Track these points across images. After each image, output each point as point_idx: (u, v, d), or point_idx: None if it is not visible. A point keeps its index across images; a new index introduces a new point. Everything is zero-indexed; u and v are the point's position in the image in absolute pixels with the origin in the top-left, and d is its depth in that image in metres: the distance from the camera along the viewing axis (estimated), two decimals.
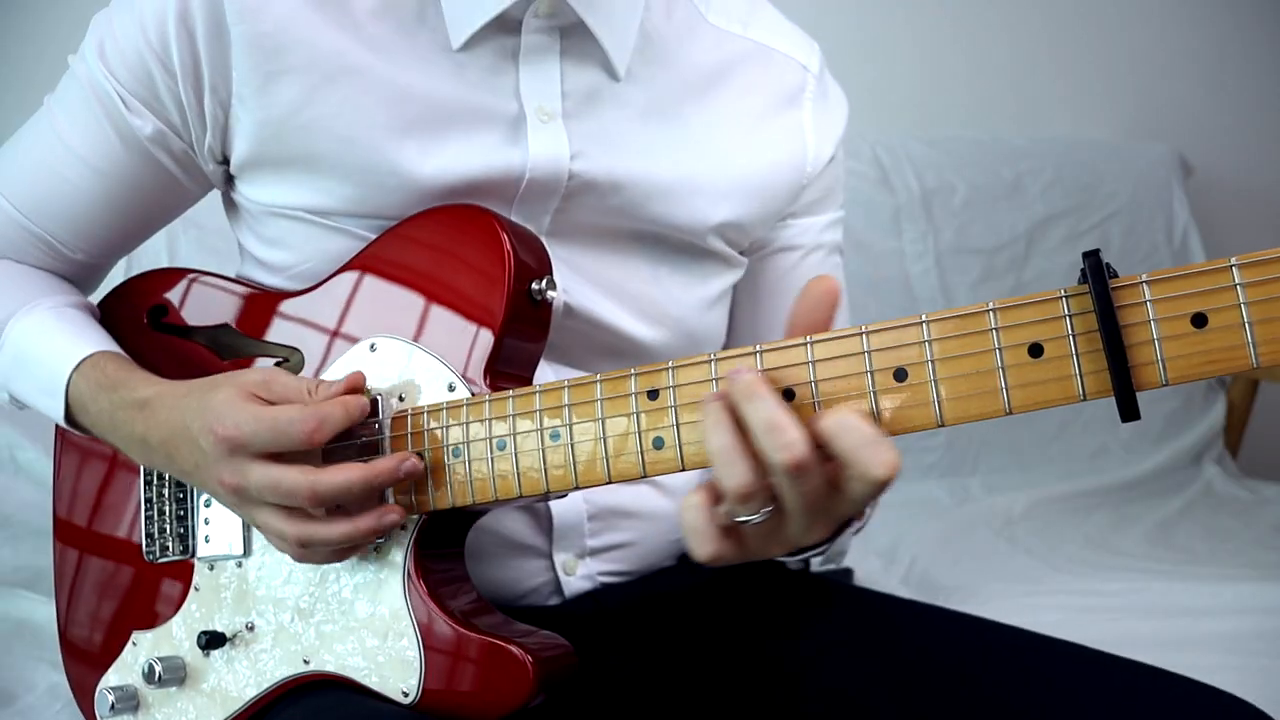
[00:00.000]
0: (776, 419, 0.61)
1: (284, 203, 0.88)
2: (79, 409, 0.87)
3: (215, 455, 0.75)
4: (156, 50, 0.84)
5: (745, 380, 0.62)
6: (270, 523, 0.76)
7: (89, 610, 0.93)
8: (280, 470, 0.74)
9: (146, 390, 0.83)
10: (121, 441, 0.85)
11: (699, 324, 0.97)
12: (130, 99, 0.86)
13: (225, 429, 0.74)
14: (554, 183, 0.86)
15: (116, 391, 0.84)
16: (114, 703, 0.86)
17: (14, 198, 0.93)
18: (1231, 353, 0.57)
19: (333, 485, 0.74)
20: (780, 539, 0.66)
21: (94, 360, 0.86)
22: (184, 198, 0.95)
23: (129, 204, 0.92)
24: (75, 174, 0.90)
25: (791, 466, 0.60)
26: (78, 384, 0.86)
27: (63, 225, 0.93)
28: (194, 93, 0.85)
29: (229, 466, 0.75)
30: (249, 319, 0.90)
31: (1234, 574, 1.66)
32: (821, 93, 0.99)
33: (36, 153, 0.92)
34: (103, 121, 0.88)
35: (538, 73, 0.87)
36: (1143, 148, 2.56)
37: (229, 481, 0.76)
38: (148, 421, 0.81)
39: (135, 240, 0.98)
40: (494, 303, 0.80)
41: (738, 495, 0.62)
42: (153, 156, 0.89)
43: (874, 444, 0.60)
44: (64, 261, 0.95)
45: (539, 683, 0.75)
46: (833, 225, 1.03)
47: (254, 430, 0.74)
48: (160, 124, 0.87)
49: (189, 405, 0.78)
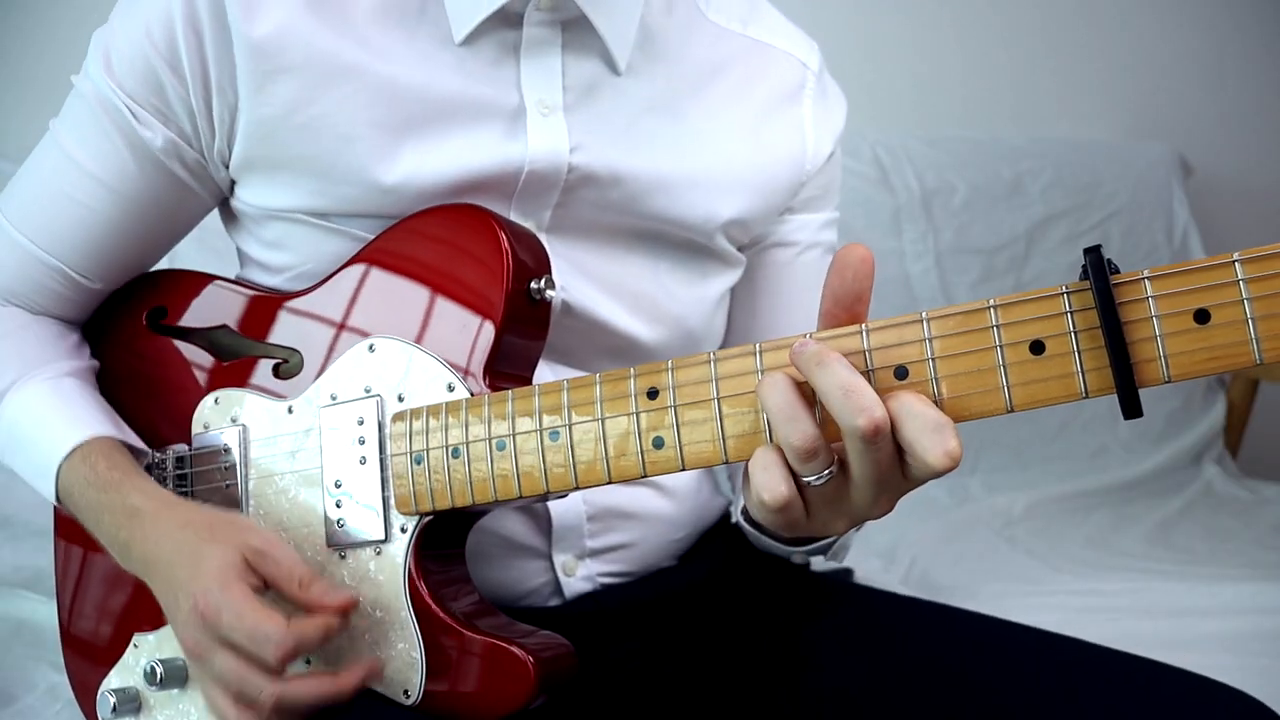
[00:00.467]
0: (853, 382, 0.61)
1: (282, 205, 0.87)
2: (66, 496, 0.86)
3: (186, 619, 0.75)
4: (164, 55, 0.83)
5: (814, 349, 0.62)
6: (215, 698, 0.76)
7: (91, 611, 0.93)
8: (245, 669, 0.73)
9: (138, 500, 0.82)
10: (105, 539, 0.84)
11: (699, 323, 0.97)
12: (139, 110, 0.85)
13: (206, 606, 0.74)
14: (553, 176, 0.86)
15: (105, 493, 0.83)
16: (115, 704, 0.86)
17: (27, 230, 0.91)
18: (1234, 349, 0.57)
19: (301, 697, 0.74)
20: (845, 509, 0.65)
21: (84, 452, 0.85)
22: (199, 208, 0.93)
23: (146, 220, 0.91)
24: (88, 196, 0.88)
25: (870, 430, 0.60)
26: (67, 474, 0.85)
27: (80, 253, 0.91)
28: (203, 97, 0.84)
29: (196, 635, 0.75)
30: (248, 320, 0.90)
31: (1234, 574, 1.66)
32: (821, 90, 0.99)
33: (46, 179, 0.90)
34: (113, 137, 0.86)
35: (539, 66, 0.87)
36: (1143, 148, 2.56)
37: (190, 645, 0.76)
38: (133, 533, 0.81)
39: (152, 259, 0.97)
40: (493, 302, 0.80)
41: (800, 452, 0.62)
42: (166, 168, 0.88)
43: (936, 431, 0.59)
44: (81, 293, 0.94)
45: (540, 683, 0.74)
46: (829, 225, 1.04)
47: (230, 625, 0.73)
48: (171, 134, 0.86)
49: (181, 548, 0.78)
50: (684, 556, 1.00)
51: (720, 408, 0.68)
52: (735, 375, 0.67)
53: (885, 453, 0.61)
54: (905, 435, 0.60)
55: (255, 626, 0.72)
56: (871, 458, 0.61)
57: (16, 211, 0.92)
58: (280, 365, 0.87)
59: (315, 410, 0.83)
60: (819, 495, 0.65)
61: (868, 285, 0.64)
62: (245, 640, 0.73)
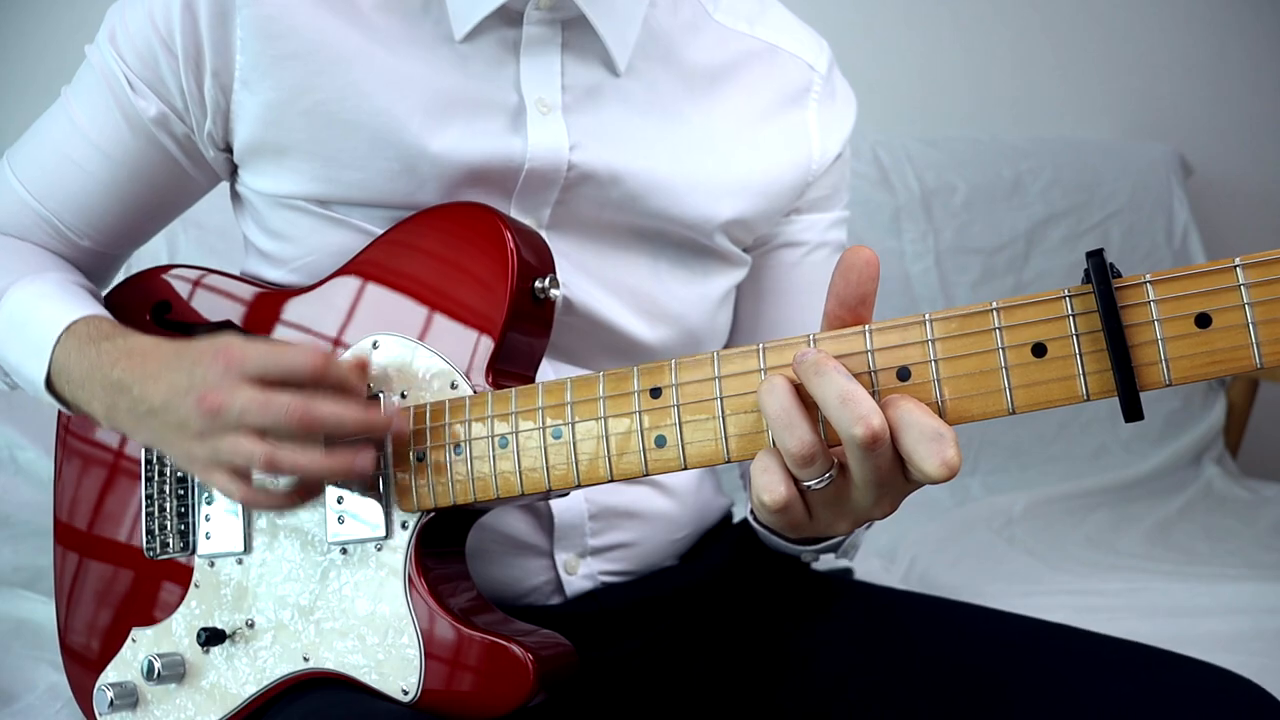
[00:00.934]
0: (851, 391, 0.61)
1: (287, 191, 0.88)
2: (60, 368, 0.86)
3: (206, 376, 0.75)
4: (161, 33, 0.86)
5: (814, 357, 0.62)
6: (238, 446, 0.74)
7: (89, 607, 0.93)
8: (271, 391, 0.73)
9: (137, 340, 0.83)
10: (95, 389, 0.83)
11: (700, 323, 0.97)
12: (136, 81, 0.88)
13: (230, 352, 0.74)
14: (553, 173, 0.86)
15: (107, 340, 0.84)
16: (113, 699, 0.86)
17: (27, 181, 0.95)
18: (1235, 353, 0.57)
19: (327, 412, 0.73)
20: (847, 510, 0.66)
21: (88, 319, 0.87)
22: (190, 188, 0.96)
23: (134, 190, 0.93)
24: (84, 157, 0.92)
25: (868, 439, 0.60)
26: (64, 343, 0.86)
27: (70, 209, 0.94)
28: (194, 77, 0.86)
29: (218, 383, 0.74)
30: (252, 316, 0.90)
31: (1234, 574, 1.66)
32: (828, 93, 0.99)
33: (51, 137, 0.94)
34: (110, 104, 0.90)
35: (538, 65, 0.87)
36: (1143, 148, 2.56)
37: (211, 399, 0.74)
38: (131, 368, 0.81)
39: (141, 230, 0.99)
40: (497, 300, 0.80)
41: (798, 458, 0.62)
42: (156, 140, 0.90)
43: (934, 440, 0.59)
44: (72, 248, 0.96)
45: (539, 681, 0.75)
46: (837, 224, 1.03)
47: (258, 352, 0.74)
48: (163, 106, 0.89)
49: (183, 360, 0.78)
50: (685, 556, 1.00)
51: (723, 407, 0.68)
52: (738, 375, 0.67)
53: (885, 459, 0.61)
54: (904, 444, 0.60)
55: (283, 348, 0.74)
56: (871, 464, 0.62)
57: (20, 162, 0.96)
58: None
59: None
60: (819, 497, 0.65)
61: (872, 288, 0.64)
62: (275, 358, 0.73)
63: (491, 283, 0.80)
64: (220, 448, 0.75)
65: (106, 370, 0.82)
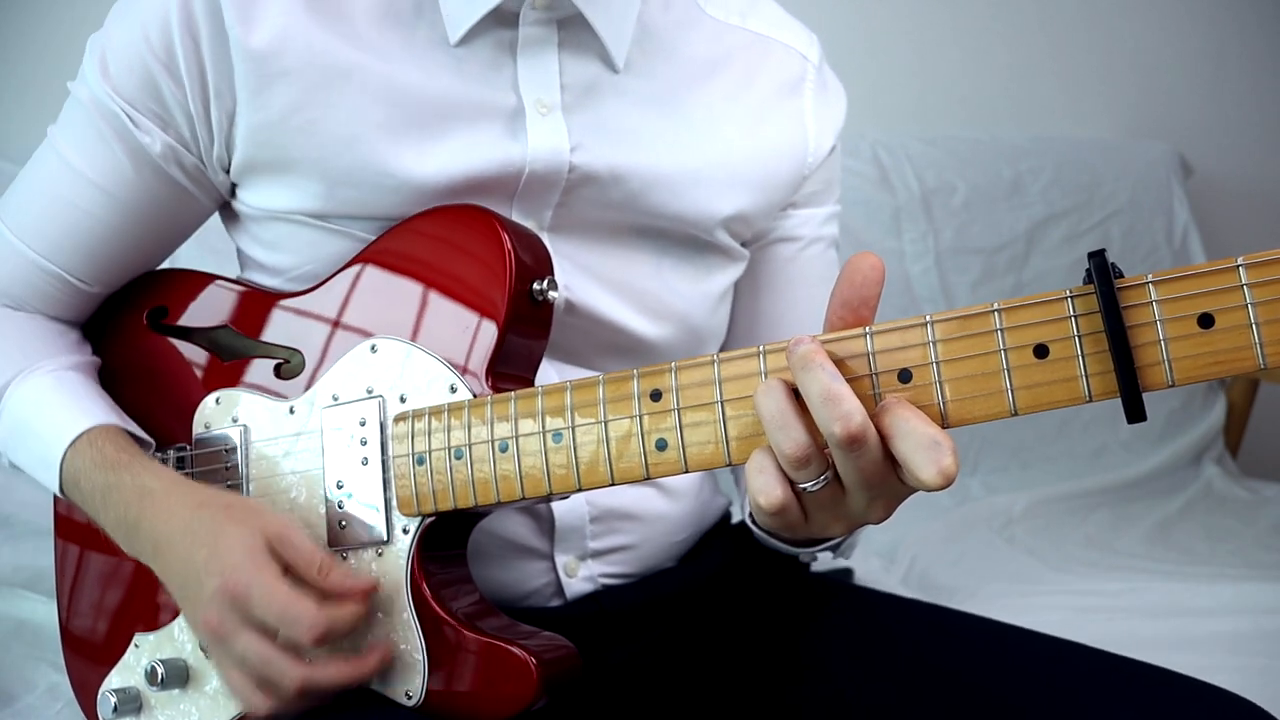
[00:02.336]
0: (833, 389, 0.60)
1: (283, 207, 0.87)
2: (71, 484, 0.85)
3: (212, 599, 0.74)
4: (161, 58, 0.83)
5: (803, 350, 0.62)
6: (237, 681, 0.75)
7: (91, 611, 0.93)
8: (272, 652, 0.73)
9: (149, 479, 0.81)
10: (109, 522, 0.83)
11: (702, 320, 0.97)
12: (137, 115, 0.85)
13: (235, 585, 0.73)
14: (554, 175, 0.86)
15: (115, 473, 0.82)
16: (116, 704, 0.86)
17: (27, 237, 0.91)
18: (1238, 353, 0.57)
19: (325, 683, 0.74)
20: (842, 514, 0.65)
21: (90, 438, 0.85)
22: (198, 213, 0.93)
23: (146, 225, 0.91)
24: (88, 201, 0.88)
25: (846, 439, 0.60)
26: (72, 460, 0.84)
27: (80, 259, 0.91)
28: (201, 101, 0.84)
29: (221, 615, 0.74)
30: (249, 320, 0.89)
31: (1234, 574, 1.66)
32: (822, 83, 0.99)
33: (45, 185, 0.90)
34: (111, 143, 0.86)
35: (535, 65, 0.87)
36: (1143, 148, 2.56)
37: (214, 625, 0.74)
38: (143, 512, 0.80)
39: (152, 263, 0.96)
40: (495, 304, 0.80)
41: (792, 460, 0.62)
42: (164, 173, 0.87)
43: (931, 448, 0.59)
44: (80, 297, 0.93)
45: (542, 685, 0.74)
46: (831, 219, 1.04)
47: (262, 604, 0.72)
48: (169, 139, 0.86)
49: (201, 526, 0.77)
50: (685, 557, 1.00)
51: (723, 410, 0.68)
52: (738, 377, 0.67)
53: (869, 460, 0.61)
54: (899, 451, 0.60)
55: (287, 607, 0.72)
56: (854, 464, 0.61)
57: (14, 217, 0.92)
58: (281, 365, 0.87)
59: (317, 411, 0.83)
60: (814, 500, 0.64)
61: (876, 292, 0.64)
62: (276, 620, 0.72)
63: (490, 285, 0.80)
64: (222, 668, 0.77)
65: (119, 510, 0.82)
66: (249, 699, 0.75)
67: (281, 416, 0.84)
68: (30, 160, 0.92)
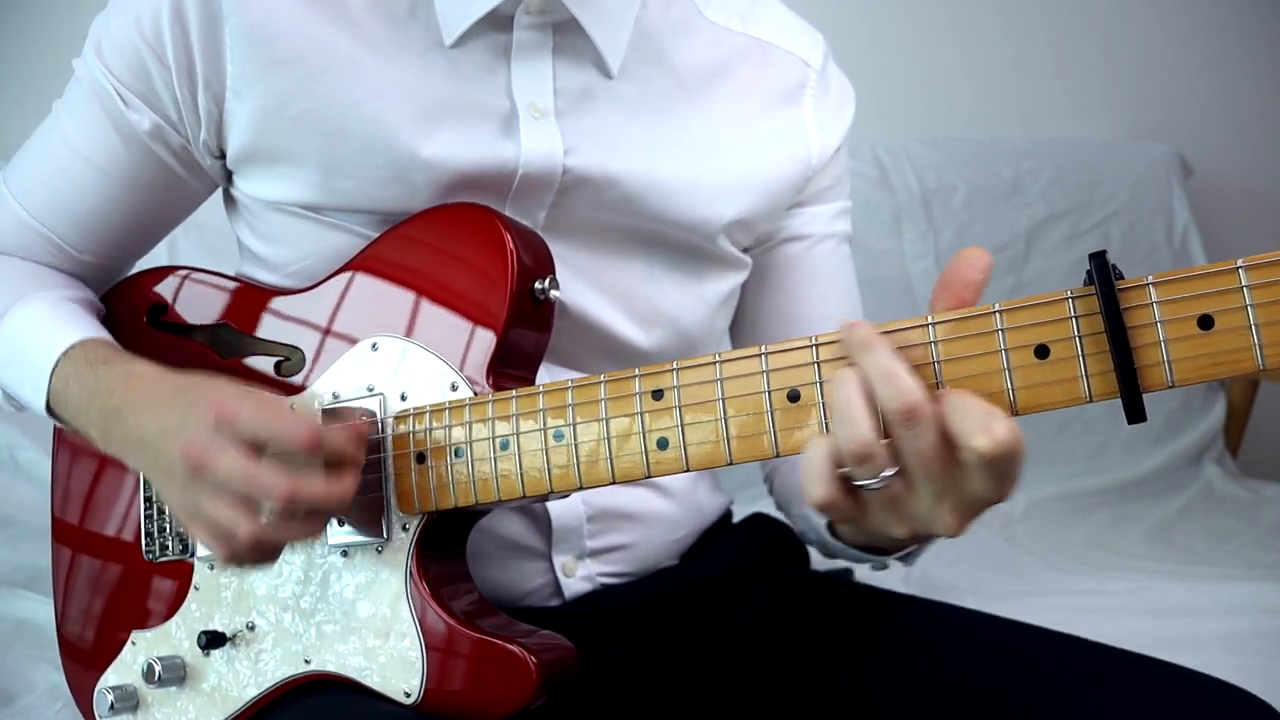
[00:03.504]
0: (892, 367, 0.60)
1: (280, 197, 0.88)
2: (58, 393, 0.85)
3: (198, 425, 0.72)
4: (151, 44, 0.85)
5: (861, 332, 0.62)
6: (219, 511, 0.71)
7: (87, 610, 0.93)
8: (257, 466, 0.70)
9: (139, 365, 0.82)
10: (93, 415, 0.82)
11: (695, 326, 0.96)
12: (128, 95, 0.87)
13: (224, 406, 0.71)
14: (548, 178, 0.86)
15: (105, 365, 0.83)
16: (113, 702, 0.86)
17: (24, 200, 0.94)
18: (1237, 355, 0.57)
19: (313, 494, 0.71)
20: (905, 514, 0.64)
21: (84, 343, 0.86)
22: (189, 196, 0.95)
23: (133, 203, 0.93)
24: (80, 175, 0.91)
25: (903, 412, 0.59)
26: (63, 367, 0.85)
27: (70, 227, 0.94)
28: (188, 87, 0.85)
29: (206, 438, 0.71)
30: (249, 317, 0.90)
31: (1234, 574, 1.66)
32: (824, 88, 0.99)
33: (45, 156, 0.94)
34: (103, 120, 0.89)
35: (529, 70, 0.87)
36: (1143, 148, 2.56)
37: (195, 453, 0.71)
38: (126, 395, 0.80)
39: (144, 241, 0.99)
40: (496, 302, 0.80)
41: (854, 454, 0.61)
42: (152, 152, 0.89)
43: (983, 415, 0.58)
44: (73, 263, 0.96)
45: (541, 684, 0.74)
46: (841, 214, 1.03)
47: (252, 415, 0.71)
48: (157, 118, 0.88)
49: (181, 387, 0.77)
50: (684, 556, 1.00)
51: (725, 409, 0.68)
52: (739, 376, 0.67)
53: (927, 441, 0.60)
54: (954, 427, 0.59)
55: (277, 414, 0.71)
56: (913, 445, 0.60)
57: (16, 181, 0.95)
58: (281, 363, 0.87)
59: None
60: (876, 498, 0.63)
61: (982, 279, 0.63)
62: (267, 429, 0.70)
63: (491, 284, 0.80)
64: (201, 505, 0.72)
65: (104, 396, 0.81)
66: (234, 523, 0.71)
67: None
68: (37, 129, 0.96)
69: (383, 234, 0.85)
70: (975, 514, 0.63)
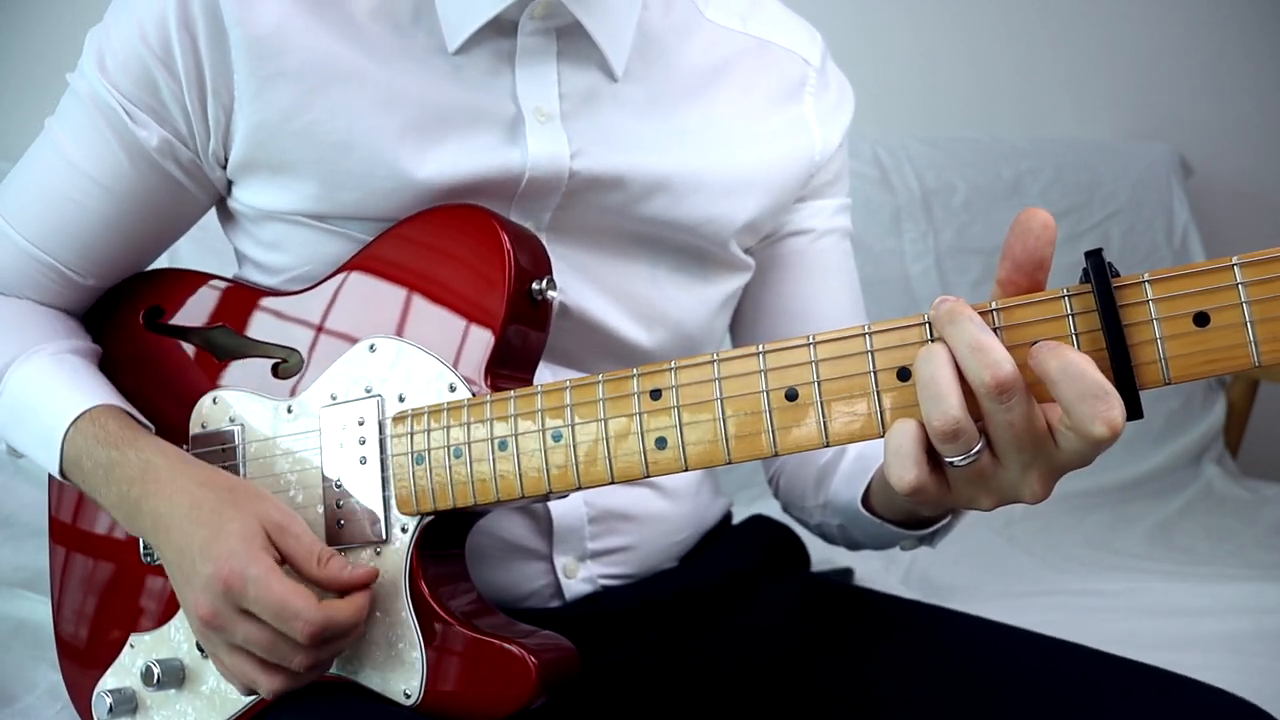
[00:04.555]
0: (982, 339, 0.59)
1: (280, 207, 0.87)
2: (73, 463, 0.84)
3: (206, 587, 0.74)
4: (159, 55, 0.83)
5: (949, 305, 0.61)
6: (237, 665, 0.76)
7: (85, 612, 0.93)
8: (274, 637, 0.73)
9: (153, 455, 0.81)
10: (110, 500, 0.82)
11: (697, 328, 0.96)
12: (134, 110, 0.85)
13: (232, 575, 0.72)
14: (554, 181, 0.86)
15: (118, 449, 0.82)
16: (112, 705, 0.86)
17: (21, 226, 0.91)
18: (1233, 351, 0.57)
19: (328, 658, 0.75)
20: (992, 486, 0.63)
21: (93, 415, 0.84)
22: (194, 208, 0.93)
23: (140, 220, 0.90)
24: (83, 194, 0.88)
25: (995, 386, 0.58)
26: (74, 439, 0.83)
27: (74, 251, 0.91)
28: (198, 98, 0.84)
29: (216, 604, 0.73)
30: (246, 319, 0.89)
31: (1234, 574, 1.66)
32: (823, 85, 0.99)
33: (41, 177, 0.90)
34: (107, 136, 0.86)
35: (534, 75, 0.86)
36: (1143, 148, 2.56)
37: (207, 615, 0.74)
38: (146, 488, 0.79)
39: (148, 258, 0.96)
40: (494, 303, 0.80)
41: (942, 432, 0.60)
42: (160, 168, 0.87)
43: (1097, 397, 0.57)
44: (75, 290, 0.93)
45: (541, 684, 0.74)
46: (842, 210, 1.03)
47: (257, 597, 0.72)
48: (166, 133, 0.86)
49: (200, 507, 0.77)
50: (684, 558, 1.00)
51: (723, 408, 0.68)
52: (738, 375, 0.67)
53: (1019, 414, 0.59)
54: (1063, 396, 0.58)
55: (284, 601, 0.71)
56: (1004, 419, 0.59)
57: (11, 208, 0.91)
58: (279, 365, 0.87)
59: (315, 410, 0.83)
60: (962, 475, 0.62)
61: (1049, 252, 0.62)
62: (271, 616, 0.72)
63: (488, 285, 0.80)
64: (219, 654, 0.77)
65: (124, 486, 0.81)
66: (254, 680, 0.75)
67: (279, 416, 0.84)
68: (29, 151, 0.92)
69: (379, 235, 0.85)
70: (1059, 478, 0.62)
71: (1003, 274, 0.62)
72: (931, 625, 0.92)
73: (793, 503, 1.03)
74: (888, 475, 0.63)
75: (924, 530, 0.85)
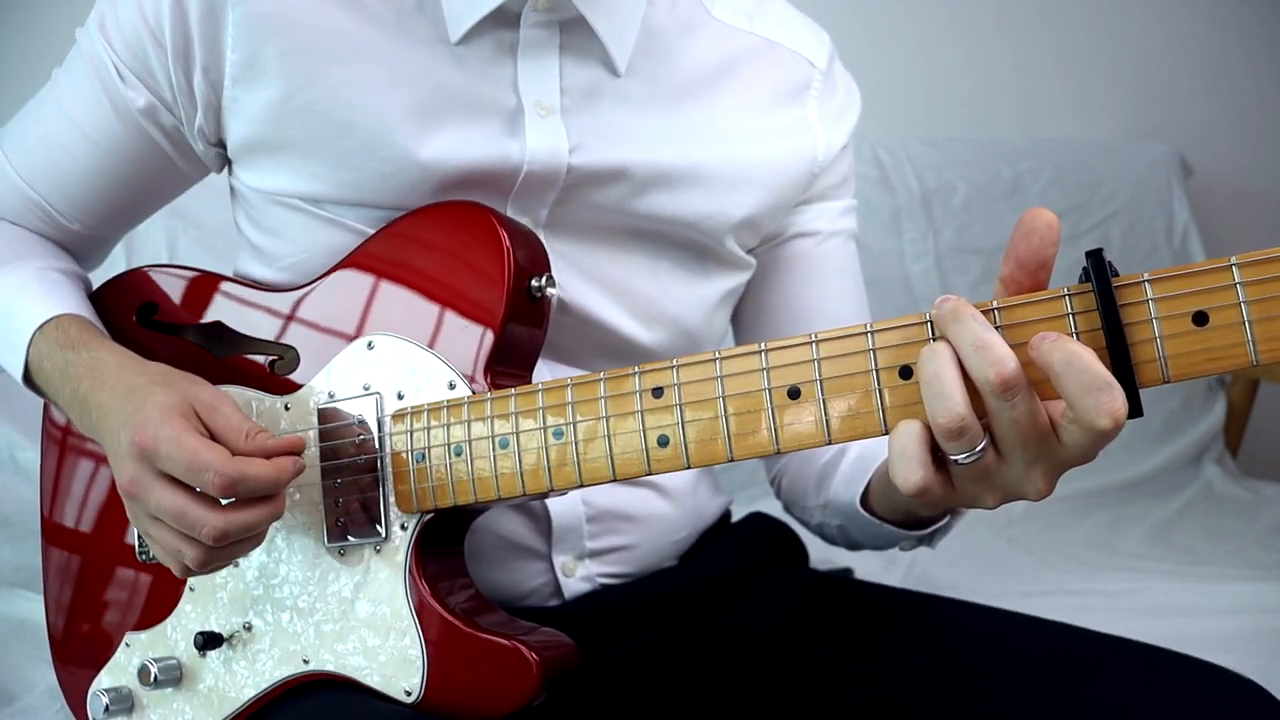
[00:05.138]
0: (985, 337, 0.59)
1: (280, 189, 0.88)
2: (36, 367, 0.87)
3: (125, 455, 0.74)
4: (151, 25, 0.85)
5: (951, 304, 0.61)
6: (162, 537, 0.75)
7: (80, 611, 0.92)
8: (185, 500, 0.72)
9: (104, 354, 0.83)
10: (65, 398, 0.84)
11: (697, 325, 0.96)
12: (125, 71, 0.88)
13: (145, 437, 0.73)
14: (552, 175, 0.86)
15: (74, 350, 0.84)
16: (108, 705, 0.85)
17: (17, 164, 0.95)
18: (1232, 350, 0.57)
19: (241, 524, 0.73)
20: (996, 484, 0.63)
21: (59, 321, 0.87)
22: (177, 178, 0.96)
23: (122, 177, 0.93)
24: (72, 143, 0.92)
25: (999, 384, 0.58)
26: (38, 343, 0.86)
27: (58, 193, 0.95)
28: (183, 71, 0.86)
29: (133, 469, 0.74)
30: (242, 316, 0.89)
31: (1234, 574, 1.66)
32: (829, 88, 0.99)
33: (41, 121, 0.95)
34: (99, 92, 0.90)
35: (536, 68, 0.87)
36: (1143, 148, 2.56)
37: (125, 483, 0.75)
38: (93, 383, 0.81)
39: (130, 216, 1.00)
40: (493, 300, 0.80)
41: (947, 430, 0.60)
42: (144, 130, 0.90)
43: (1101, 389, 0.57)
44: (61, 230, 0.97)
45: (543, 681, 0.74)
46: (847, 212, 1.03)
47: (169, 454, 0.72)
48: (152, 97, 0.88)
49: (133, 389, 0.78)
50: (684, 557, 1.00)
51: (725, 406, 0.68)
52: (739, 374, 0.67)
53: (1023, 410, 0.59)
54: (1066, 388, 0.58)
55: (195, 454, 0.71)
56: (1008, 416, 0.60)
57: (12, 144, 0.96)
58: (276, 362, 0.86)
59: (313, 408, 0.83)
60: (967, 473, 0.63)
61: (1053, 252, 0.62)
62: (184, 470, 0.71)
63: (487, 282, 0.80)
64: (143, 527, 0.77)
65: (74, 383, 0.83)
66: (180, 552, 0.74)
67: (276, 414, 0.84)
68: (36, 95, 0.96)
69: (377, 232, 0.85)
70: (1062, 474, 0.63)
71: (1006, 272, 0.63)
72: (931, 615, 0.91)
73: (794, 503, 1.04)
74: (893, 477, 0.63)
75: (923, 530, 0.86)
